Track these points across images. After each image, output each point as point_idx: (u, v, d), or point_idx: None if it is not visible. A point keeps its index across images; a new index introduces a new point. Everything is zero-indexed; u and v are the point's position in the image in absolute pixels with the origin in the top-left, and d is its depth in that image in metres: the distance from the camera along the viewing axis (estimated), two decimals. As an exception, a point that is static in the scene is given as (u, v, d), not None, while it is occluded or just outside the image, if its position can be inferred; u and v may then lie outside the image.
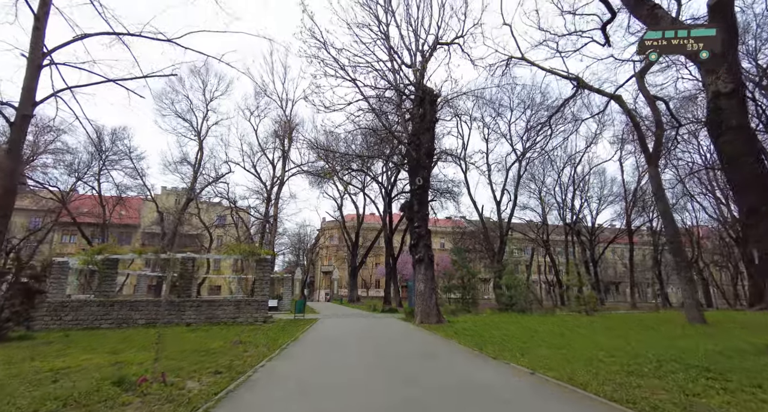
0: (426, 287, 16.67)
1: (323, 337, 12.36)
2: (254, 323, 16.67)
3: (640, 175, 37.57)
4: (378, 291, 60.96)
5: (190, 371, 6.93)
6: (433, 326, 15.80)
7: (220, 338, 11.92)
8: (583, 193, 44.24)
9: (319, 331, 14.21)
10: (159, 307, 16.29)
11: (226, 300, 17.08)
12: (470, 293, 26.30)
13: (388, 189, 34.42)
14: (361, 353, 9.01)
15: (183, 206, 35.03)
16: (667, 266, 48.43)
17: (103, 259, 17.13)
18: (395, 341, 11.29)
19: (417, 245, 16.91)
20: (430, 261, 16.98)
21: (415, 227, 16.96)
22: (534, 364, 7.27)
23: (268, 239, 35.70)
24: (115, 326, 15.71)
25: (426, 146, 17.04)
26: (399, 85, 17.69)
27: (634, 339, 10.83)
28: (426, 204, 17.31)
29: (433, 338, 11.87)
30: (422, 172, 17.06)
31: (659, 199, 16.69)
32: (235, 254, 18.20)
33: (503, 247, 37.27)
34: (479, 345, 9.96)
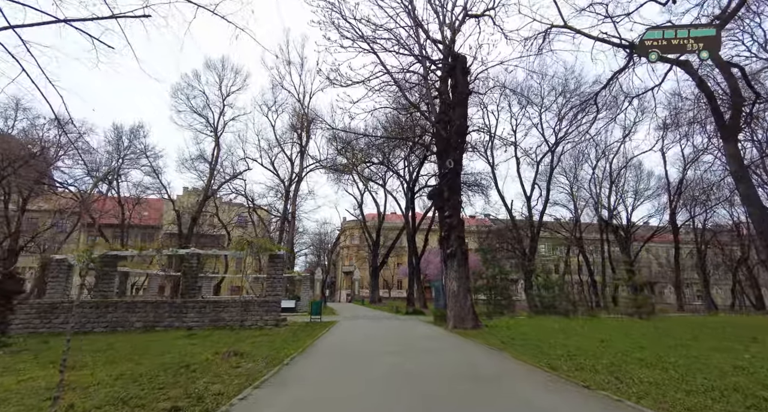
0: (460, 287, 14.05)
1: (339, 346, 9.92)
2: (264, 326, 14.42)
3: (686, 166, 33.83)
4: (400, 292, 58.33)
5: (136, 405, 4.61)
6: (470, 331, 13.18)
7: (217, 346, 9.65)
8: (618, 187, 40.46)
9: (335, 338, 11.79)
10: (159, 309, 14.24)
11: (233, 301, 14.93)
12: (503, 293, 23.43)
13: (410, 184, 31.87)
14: (389, 374, 6.49)
15: (200, 204, 33.39)
16: (716, 266, 44.14)
17: (101, 256, 15.25)
18: (431, 352, 8.75)
19: (448, 237, 14.32)
20: (464, 256, 14.35)
21: (445, 217, 14.38)
22: (656, 399, 4.63)
23: (287, 237, 33.72)
24: (109, 330, 13.73)
25: (457, 123, 14.46)
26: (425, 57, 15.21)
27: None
28: (458, 190, 14.71)
29: (478, 349, 9.27)
30: (453, 153, 14.48)
31: (741, 181, 13.57)
32: (243, 250, 16.04)
33: (535, 245, 34.15)
34: (546, 361, 7.32)
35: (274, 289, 15.77)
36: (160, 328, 13.89)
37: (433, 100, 15.87)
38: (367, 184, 40.01)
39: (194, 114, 33.51)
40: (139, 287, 35.42)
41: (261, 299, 15.78)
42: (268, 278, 16.04)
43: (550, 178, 34.23)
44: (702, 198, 34.24)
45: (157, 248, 15.45)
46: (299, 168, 33.88)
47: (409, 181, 32.26)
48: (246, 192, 35.92)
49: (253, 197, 36.60)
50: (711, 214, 36.85)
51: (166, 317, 14.20)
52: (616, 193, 40.74)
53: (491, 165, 32.97)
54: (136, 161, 35.50)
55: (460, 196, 14.76)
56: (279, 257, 16.14)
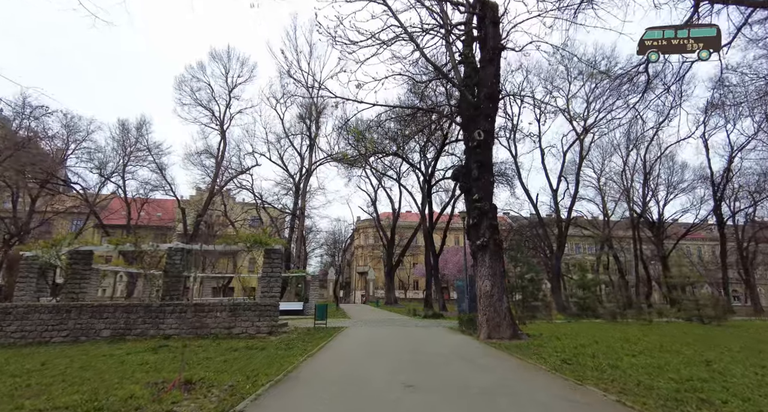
0: (494, 286, 11.01)
1: (338, 370, 7.01)
2: (255, 335, 11.66)
3: (732, 154, 29.88)
4: (416, 292, 55.19)
5: None
6: (510, 342, 10.13)
7: (175, 366, 6.89)
8: (650, 180, 36.46)
9: (336, 353, 8.90)
10: (131, 314, 11.61)
11: (220, 305, 12.23)
12: (537, 294, 20.17)
13: (427, 177, 28.84)
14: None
15: (206, 201, 31.13)
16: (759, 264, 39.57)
17: (70, 252, 12.76)
18: (474, 387, 5.76)
19: (478, 225, 11.31)
20: (498, 248, 11.32)
21: (474, 201, 11.37)
22: None
23: (297, 235, 31.13)
24: (70, 339, 11.15)
25: (488, 85, 11.46)
26: (444, 12, 12.31)
27: None
28: (490, 168, 11.65)
29: (537, 376, 6.25)
30: (483, 123, 11.48)
31: None
32: (237, 244, 13.35)
33: (563, 242, 30.65)
34: (666, 405, 4.28)
35: (271, 289, 13.01)
36: (132, 337, 11.26)
37: (457, 65, 12.91)
38: (381, 180, 37.18)
39: (199, 107, 31.34)
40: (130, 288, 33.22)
41: (253, 302, 13.05)
42: (263, 277, 13.28)
43: (579, 168, 30.78)
44: (750, 189, 30.17)
45: (133, 242, 12.90)
46: (309, 162, 31.28)
47: (425, 173, 29.25)
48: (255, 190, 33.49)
49: (262, 194, 34.10)
50: (759, 207, 32.59)
51: (139, 323, 11.56)
52: (649, 186, 36.81)
53: (514, 156, 29.74)
54: (142, 159, 33.57)
55: (493, 176, 11.73)
56: (276, 251, 13.39)
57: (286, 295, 32.45)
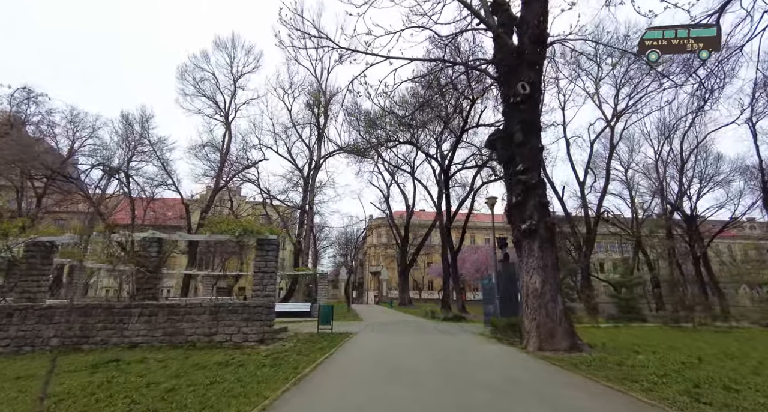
0: (546, 283, 8.24)
1: (339, 406, 4.37)
2: (242, 343, 9.12)
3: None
4: (431, 293, 52.25)
5: None
6: (572, 357, 7.35)
7: (103, 395, 4.37)
8: (685, 172, 32.89)
9: (339, 375, 6.24)
10: (89, 317, 9.18)
11: (200, 306, 9.74)
12: (571, 294, 17.25)
13: (444, 166, 26.06)
14: None
15: (211, 196, 28.96)
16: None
17: (27, 244, 10.43)
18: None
19: (524, 203, 8.57)
20: (551, 234, 8.55)
21: (517, 173, 8.63)
22: None
23: (305, 230, 28.70)
24: (12, 349, 8.78)
25: (533, 26, 8.74)
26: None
27: None
28: (537, 130, 8.91)
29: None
30: (528, 73, 8.76)
31: None
32: (222, 233, 10.84)
33: (593, 238, 27.49)
34: None
35: (264, 287, 10.45)
36: (89, 346, 8.84)
37: (489, 10, 10.21)
38: (395, 174, 34.53)
39: (203, 97, 29.22)
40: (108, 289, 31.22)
41: (238, 302, 10.54)
42: (256, 272, 10.72)
43: (609, 158, 27.66)
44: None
45: (101, 231, 10.56)
46: (318, 154, 28.85)
47: (442, 164, 26.50)
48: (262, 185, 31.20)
49: (270, 190, 31.78)
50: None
51: (99, 329, 9.12)
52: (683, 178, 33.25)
53: (538, 145, 26.77)
54: (147, 154, 31.62)
55: (541, 141, 8.96)
56: (270, 242, 10.84)
57: (294, 295, 30.06)
